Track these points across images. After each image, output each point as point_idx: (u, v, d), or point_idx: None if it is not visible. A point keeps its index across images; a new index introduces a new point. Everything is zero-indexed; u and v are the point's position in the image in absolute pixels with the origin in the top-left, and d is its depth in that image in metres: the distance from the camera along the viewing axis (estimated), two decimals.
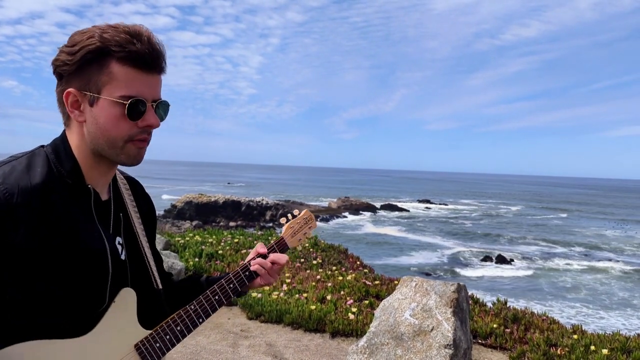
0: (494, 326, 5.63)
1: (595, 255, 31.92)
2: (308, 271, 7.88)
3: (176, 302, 1.43)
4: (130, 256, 1.34)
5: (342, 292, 6.73)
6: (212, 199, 39.02)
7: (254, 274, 1.50)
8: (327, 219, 44.26)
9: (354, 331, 5.62)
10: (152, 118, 1.22)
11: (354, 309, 6.05)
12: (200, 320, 1.39)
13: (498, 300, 6.63)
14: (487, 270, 26.20)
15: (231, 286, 1.46)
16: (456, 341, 4.02)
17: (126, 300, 1.27)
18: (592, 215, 59.85)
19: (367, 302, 6.39)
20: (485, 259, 28.87)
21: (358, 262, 9.02)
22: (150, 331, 1.31)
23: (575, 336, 5.34)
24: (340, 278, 7.28)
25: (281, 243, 1.59)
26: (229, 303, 1.57)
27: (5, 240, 1.09)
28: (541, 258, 30.41)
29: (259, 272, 1.49)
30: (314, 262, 8.33)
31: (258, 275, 1.50)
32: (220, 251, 8.59)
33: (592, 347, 5.00)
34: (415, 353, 4.03)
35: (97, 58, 1.17)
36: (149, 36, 1.20)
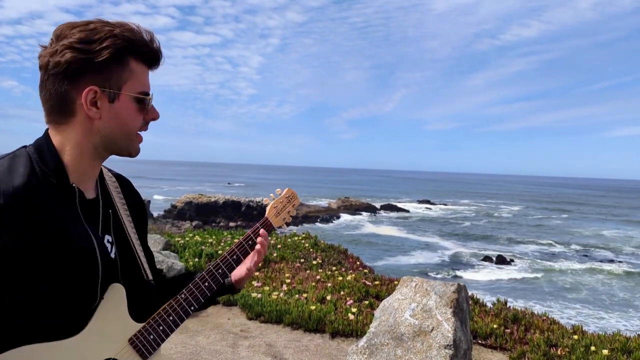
0: (494, 326, 5.62)
1: (596, 256, 31.94)
2: (308, 271, 7.88)
3: (170, 296, 1.43)
4: (120, 253, 1.34)
5: (342, 293, 6.73)
6: (212, 199, 39.04)
7: (240, 257, 1.52)
8: (327, 219, 44.27)
9: (354, 331, 5.62)
10: (155, 112, 1.33)
11: (353, 309, 6.04)
12: (192, 308, 1.39)
13: (498, 300, 6.63)
14: (487, 270, 26.21)
15: (219, 271, 1.47)
16: (456, 341, 4.01)
17: (115, 295, 1.27)
18: (592, 216, 59.87)
19: (367, 302, 6.38)
20: (485, 259, 28.89)
21: (358, 263, 9.02)
22: (143, 324, 1.31)
23: (576, 336, 5.34)
24: (340, 278, 7.28)
25: (266, 223, 1.60)
26: (221, 292, 1.59)
27: None
28: (541, 258, 30.43)
29: (262, 244, 1.53)
30: (314, 262, 8.32)
31: (245, 256, 1.53)
32: (220, 251, 8.58)
33: (593, 348, 4.99)
34: (415, 353, 4.02)
35: (117, 55, 1.21)
36: (152, 34, 1.29)
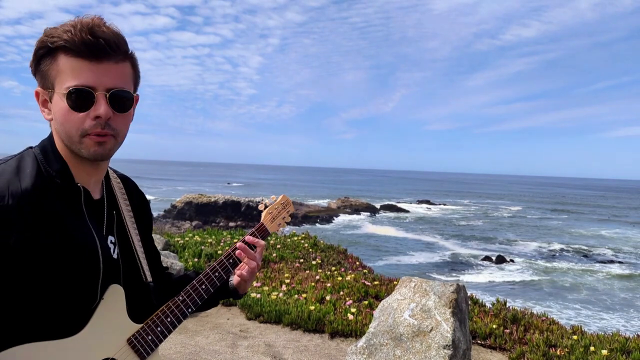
0: (494, 327, 5.62)
1: (595, 256, 31.91)
2: (307, 271, 7.88)
3: (173, 296, 1.44)
4: (122, 254, 1.35)
5: (341, 293, 6.73)
6: (212, 199, 39.00)
7: (237, 260, 1.53)
8: (327, 219, 44.22)
9: (353, 332, 5.62)
10: (100, 108, 1.16)
11: (353, 310, 6.04)
12: (189, 310, 1.41)
13: (497, 300, 6.62)
14: (487, 270, 26.19)
15: (216, 274, 1.48)
16: (455, 342, 4.01)
17: (115, 296, 1.28)
18: (592, 216, 59.81)
19: (366, 302, 6.38)
20: (485, 259, 28.88)
21: (357, 263, 9.01)
22: (141, 325, 1.32)
23: (575, 337, 5.34)
24: (340, 278, 7.28)
25: (261, 229, 1.63)
26: (220, 294, 1.60)
27: None
28: (541, 258, 30.41)
29: (239, 256, 1.52)
30: (313, 262, 8.32)
31: (241, 261, 1.53)
32: (219, 251, 8.58)
33: (592, 348, 4.99)
34: (414, 354, 4.02)
35: (47, 54, 1.17)
36: (92, 24, 1.16)
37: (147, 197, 1.58)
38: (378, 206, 56.86)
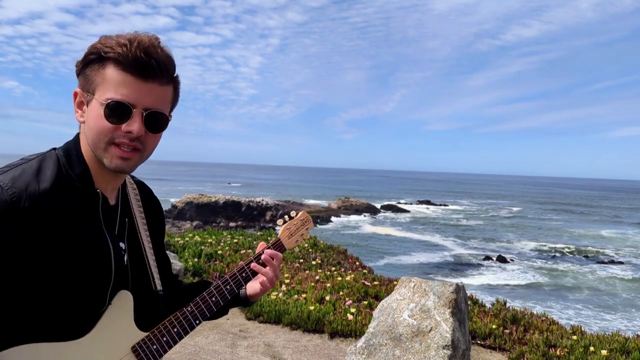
0: (493, 327, 5.62)
1: (596, 256, 31.90)
2: (307, 272, 7.88)
3: (183, 303, 1.43)
4: (132, 260, 1.35)
5: (341, 293, 6.73)
6: (213, 200, 39.04)
7: (250, 274, 1.52)
8: (327, 220, 44.23)
9: (353, 332, 5.62)
10: (134, 125, 1.18)
11: (352, 310, 6.04)
12: (197, 322, 1.40)
13: (497, 300, 6.62)
14: (487, 270, 26.19)
15: (228, 287, 1.47)
16: (454, 342, 4.01)
17: (123, 302, 1.28)
18: (592, 217, 59.81)
19: (365, 302, 6.38)
20: (485, 259, 28.89)
21: (357, 263, 9.01)
22: (147, 333, 1.31)
23: (575, 337, 5.34)
24: (340, 278, 7.28)
25: (278, 244, 1.61)
26: (229, 305, 1.59)
27: (10, 243, 1.10)
28: (541, 258, 30.41)
29: (257, 269, 1.51)
30: (313, 262, 8.32)
31: (255, 275, 1.52)
32: (219, 251, 8.58)
33: (592, 348, 4.99)
34: (413, 354, 4.02)
35: (97, 60, 1.19)
36: (149, 43, 1.18)
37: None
38: (378, 206, 56.87)
